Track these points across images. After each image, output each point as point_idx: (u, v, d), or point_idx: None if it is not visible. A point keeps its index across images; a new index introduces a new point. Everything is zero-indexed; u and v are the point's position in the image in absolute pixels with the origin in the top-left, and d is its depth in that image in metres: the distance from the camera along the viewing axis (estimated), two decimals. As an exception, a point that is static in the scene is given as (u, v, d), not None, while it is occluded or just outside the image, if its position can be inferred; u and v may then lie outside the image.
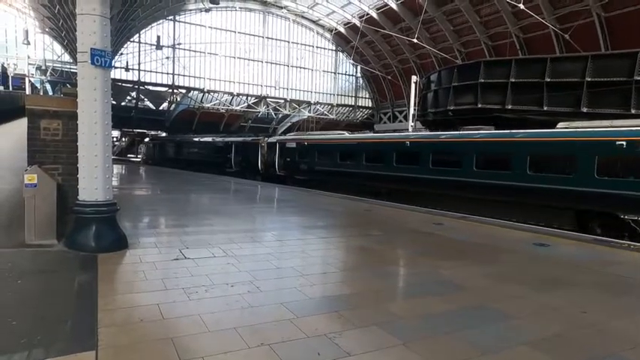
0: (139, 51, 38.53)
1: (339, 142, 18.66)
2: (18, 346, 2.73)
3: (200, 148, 32.38)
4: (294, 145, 21.13)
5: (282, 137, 23.73)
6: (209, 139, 31.72)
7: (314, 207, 10.90)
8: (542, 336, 3.25)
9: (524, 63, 15.60)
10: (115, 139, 51.69)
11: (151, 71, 39.28)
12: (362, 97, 48.78)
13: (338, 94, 47.46)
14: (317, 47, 45.72)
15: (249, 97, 42.86)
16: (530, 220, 10.42)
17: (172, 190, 14.45)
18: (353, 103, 48.30)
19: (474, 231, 7.97)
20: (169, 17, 39.04)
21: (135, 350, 2.77)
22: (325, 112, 46.39)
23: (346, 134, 19.37)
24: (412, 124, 20.96)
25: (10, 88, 31.70)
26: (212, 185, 16.05)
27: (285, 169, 21.71)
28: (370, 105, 48.84)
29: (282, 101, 44.39)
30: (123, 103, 39.52)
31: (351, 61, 44.82)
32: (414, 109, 21.19)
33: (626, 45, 19.12)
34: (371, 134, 17.44)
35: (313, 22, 44.48)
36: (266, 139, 24.18)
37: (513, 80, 14.67)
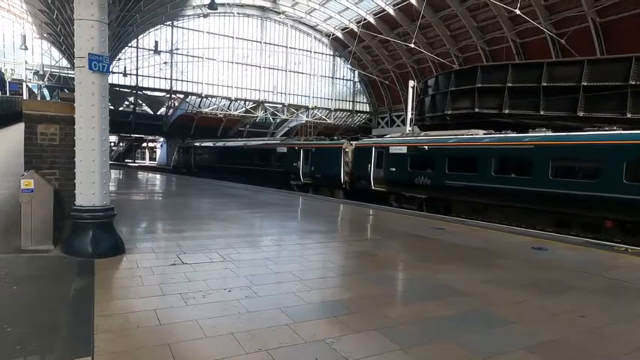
0: (137, 56, 38.58)
1: (497, 146, 12.78)
2: (13, 353, 2.70)
3: (255, 154, 26.39)
4: (403, 150, 15.83)
5: (380, 140, 18.14)
6: (268, 143, 26.75)
7: (311, 211, 10.87)
8: (541, 341, 3.24)
9: (520, 68, 15.74)
10: (112, 144, 51.69)
11: (148, 76, 39.31)
12: (360, 102, 48.92)
13: (336, 99, 47.59)
14: (315, 52, 45.90)
15: (247, 102, 42.94)
16: None
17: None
18: (351, 108, 48.43)
19: (474, 236, 7.97)
20: (167, 22, 39.14)
21: (131, 356, 2.75)
22: (323, 116, 46.49)
23: (510, 134, 13.20)
24: (410, 128, 21.01)
25: (8, 93, 31.68)
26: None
27: (389, 184, 16.46)
28: (368, 110, 48.97)
29: (280, 106, 44.48)
30: (120, 108, 39.55)
31: (349, 66, 45.02)
32: (412, 114, 21.25)
33: (622, 50, 19.27)
34: (555, 134, 11.76)
35: (311, 27, 44.67)
36: (352, 142, 19.09)
37: (510, 85, 14.79)
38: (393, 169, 16.12)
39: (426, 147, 14.89)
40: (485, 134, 13.82)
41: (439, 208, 14.05)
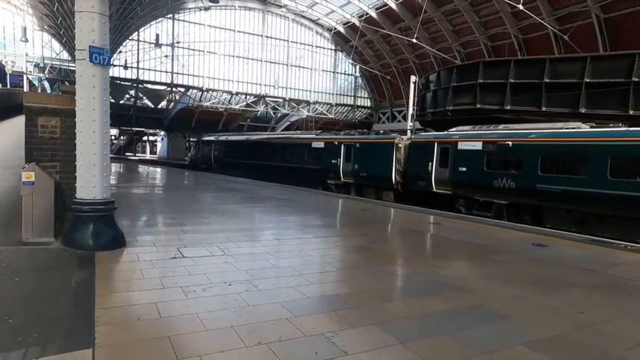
0: (138, 49, 38.42)
1: (617, 143, 10.42)
2: (15, 344, 2.72)
3: (285, 150, 23.84)
4: (477, 146, 13.33)
5: (444, 134, 15.07)
6: (301, 137, 23.99)
7: (312, 206, 10.88)
8: (541, 336, 3.25)
9: (523, 64, 15.68)
10: (113, 138, 51.63)
11: (149, 69, 39.18)
12: (361, 97, 48.79)
13: (337, 94, 47.44)
14: (316, 46, 45.67)
15: (248, 96, 42.81)
16: None
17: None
18: (352, 103, 48.30)
19: (472, 231, 7.98)
20: (168, 15, 38.94)
21: (132, 349, 2.77)
22: (324, 111, 46.36)
23: (631, 128, 10.74)
24: (411, 124, 20.95)
25: (8, 86, 31.62)
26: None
27: (456, 186, 13.87)
28: (369, 105, 48.84)
29: (281, 100, 44.35)
30: (121, 102, 39.42)
31: (350, 61, 44.83)
32: (413, 109, 21.20)
33: (625, 46, 19.18)
34: None
35: (312, 21, 44.45)
36: (405, 137, 16.73)
37: (512, 81, 14.73)
38: (463, 169, 13.62)
39: (510, 143, 12.41)
40: (592, 128, 11.60)
41: (525, 216, 11.84)
